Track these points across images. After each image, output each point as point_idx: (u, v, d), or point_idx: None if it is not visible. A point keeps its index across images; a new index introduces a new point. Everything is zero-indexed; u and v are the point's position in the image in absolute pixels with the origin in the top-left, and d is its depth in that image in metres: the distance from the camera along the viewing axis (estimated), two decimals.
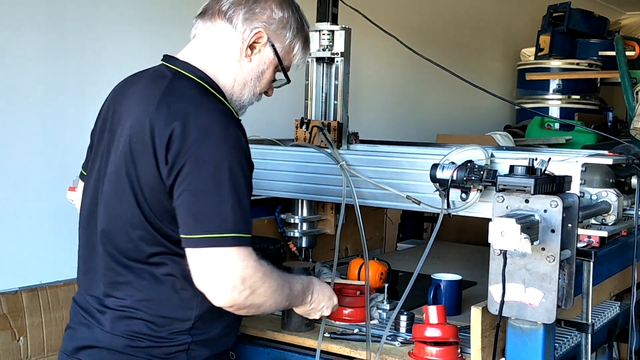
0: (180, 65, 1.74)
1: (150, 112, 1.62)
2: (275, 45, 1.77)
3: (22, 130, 2.70)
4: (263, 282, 1.63)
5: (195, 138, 1.57)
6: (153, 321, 1.65)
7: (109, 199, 1.69)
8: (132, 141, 1.64)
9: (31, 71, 2.73)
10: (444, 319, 1.82)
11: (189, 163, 1.57)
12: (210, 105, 1.65)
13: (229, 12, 1.74)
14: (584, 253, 1.80)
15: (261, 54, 1.77)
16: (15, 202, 2.69)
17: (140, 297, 1.65)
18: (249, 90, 1.78)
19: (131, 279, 1.66)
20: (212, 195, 1.57)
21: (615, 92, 5.80)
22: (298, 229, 2.60)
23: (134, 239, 1.64)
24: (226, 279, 1.58)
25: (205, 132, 1.58)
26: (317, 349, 1.89)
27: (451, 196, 1.98)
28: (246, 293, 1.60)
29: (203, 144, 1.57)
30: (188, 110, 1.61)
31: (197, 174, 1.57)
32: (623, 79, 4.99)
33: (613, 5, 7.37)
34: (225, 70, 1.75)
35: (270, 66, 1.79)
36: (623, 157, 2.05)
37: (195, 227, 1.57)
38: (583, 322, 1.85)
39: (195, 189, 1.57)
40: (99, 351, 1.68)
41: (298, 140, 2.56)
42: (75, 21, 2.86)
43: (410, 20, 4.87)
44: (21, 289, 2.58)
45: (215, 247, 1.56)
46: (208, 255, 1.57)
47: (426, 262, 1.88)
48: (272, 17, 1.76)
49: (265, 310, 1.71)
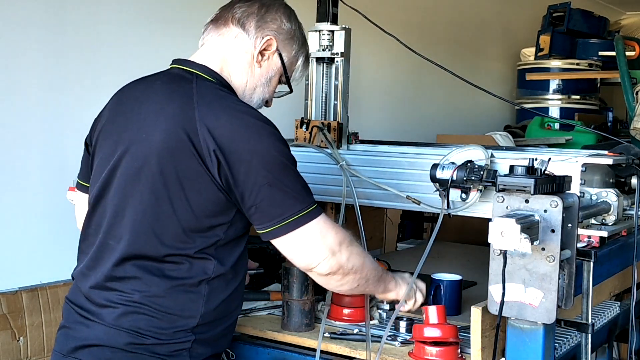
0: (199, 68, 1.78)
1: (187, 117, 1.64)
2: (283, 54, 1.85)
3: (22, 130, 2.70)
4: (353, 244, 1.75)
5: (245, 138, 1.63)
6: (160, 317, 1.66)
7: (132, 198, 1.68)
8: (168, 144, 1.64)
9: (31, 71, 2.72)
10: (444, 319, 1.82)
11: (248, 162, 1.63)
12: (241, 107, 1.71)
13: (242, 19, 1.82)
14: (584, 253, 1.80)
15: (270, 61, 1.85)
16: (15, 202, 2.69)
17: (149, 293, 1.66)
18: (258, 95, 1.85)
19: (142, 274, 1.67)
20: (282, 182, 1.65)
21: (615, 92, 5.80)
22: None
23: (160, 237, 1.66)
24: (325, 247, 1.68)
25: (252, 132, 1.64)
26: (317, 349, 1.89)
27: (451, 196, 1.98)
28: (346, 254, 1.71)
29: (253, 141, 1.63)
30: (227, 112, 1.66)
31: (261, 169, 1.63)
32: (623, 79, 4.99)
33: (613, 5, 7.37)
34: (238, 73, 1.83)
35: (276, 74, 1.87)
36: (623, 157, 2.05)
37: (280, 215, 1.64)
38: (583, 322, 1.85)
39: (266, 183, 1.63)
40: (100, 349, 1.67)
41: (298, 140, 2.56)
42: (76, 21, 2.86)
43: (410, 20, 4.87)
44: (21, 289, 2.58)
45: (304, 225, 1.65)
46: (302, 234, 1.66)
47: (426, 262, 1.88)
48: (282, 27, 1.85)
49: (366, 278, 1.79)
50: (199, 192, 1.64)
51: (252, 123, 1.66)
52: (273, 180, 1.63)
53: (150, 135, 1.66)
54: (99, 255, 1.73)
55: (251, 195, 1.63)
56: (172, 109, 1.67)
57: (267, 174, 1.63)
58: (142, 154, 1.67)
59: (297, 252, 1.69)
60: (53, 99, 2.78)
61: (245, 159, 1.62)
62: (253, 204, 1.64)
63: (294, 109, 2.80)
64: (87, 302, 1.71)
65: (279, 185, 1.64)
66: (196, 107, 1.65)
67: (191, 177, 1.63)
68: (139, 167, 1.67)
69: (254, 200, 1.63)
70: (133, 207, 1.68)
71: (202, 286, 1.68)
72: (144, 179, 1.66)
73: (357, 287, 1.78)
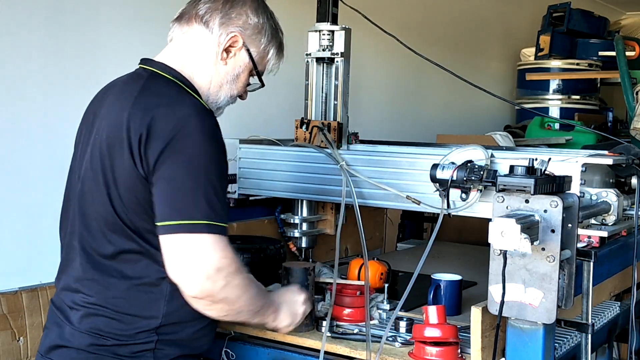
0: (157, 66, 1.77)
1: (126, 110, 1.65)
2: (251, 49, 1.81)
3: (22, 130, 2.70)
4: (236, 275, 1.62)
5: (172, 129, 1.59)
6: (119, 319, 1.65)
7: (84, 197, 1.71)
8: (109, 139, 1.66)
9: (31, 71, 2.72)
10: (444, 319, 1.82)
11: (165, 153, 1.59)
12: (185, 100, 1.67)
13: (205, 16, 1.78)
14: (584, 253, 1.80)
15: (236, 58, 1.81)
16: (15, 202, 2.69)
17: (107, 295, 1.66)
18: (224, 93, 1.82)
19: (99, 276, 1.67)
20: (188, 183, 1.58)
21: (615, 92, 5.80)
22: (298, 229, 2.60)
23: (107, 235, 1.66)
24: (200, 266, 1.57)
25: (181, 124, 1.60)
26: (322, 349, 1.89)
27: (451, 196, 1.98)
28: (220, 284, 1.59)
29: (180, 134, 1.59)
30: (163, 104, 1.64)
31: (173, 163, 1.59)
32: (623, 79, 4.99)
33: (613, 5, 7.37)
34: (201, 72, 1.79)
35: (245, 70, 1.83)
36: (623, 157, 2.05)
37: (170, 214, 1.58)
38: (583, 322, 1.85)
39: (171, 177, 1.59)
40: (67, 351, 1.69)
41: (298, 140, 2.56)
42: (76, 21, 2.86)
43: (410, 21, 4.87)
44: (21, 289, 2.58)
45: (189, 234, 1.57)
46: (182, 241, 1.57)
47: (426, 262, 1.88)
48: (248, 22, 1.80)
49: (237, 311, 1.68)
50: (131, 189, 1.62)
51: (184, 118, 1.61)
52: (181, 178, 1.58)
53: (100, 136, 1.69)
54: (67, 257, 1.77)
55: (157, 184, 1.59)
56: (115, 107, 1.69)
57: (177, 169, 1.58)
58: (96, 155, 1.69)
59: (172, 260, 1.59)
60: (53, 99, 2.78)
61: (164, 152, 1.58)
62: (155, 194, 1.59)
63: (294, 109, 2.80)
64: (62, 303, 1.74)
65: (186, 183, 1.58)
66: (133, 102, 1.65)
67: (124, 174, 1.63)
68: (94, 169, 1.69)
69: (156, 190, 1.59)
70: (87, 208, 1.70)
71: (163, 285, 1.65)
72: (95, 179, 1.68)
73: (225, 316, 1.68)
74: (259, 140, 2.62)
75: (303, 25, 2.65)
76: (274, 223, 2.65)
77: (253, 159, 2.53)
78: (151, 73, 1.75)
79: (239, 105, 1.96)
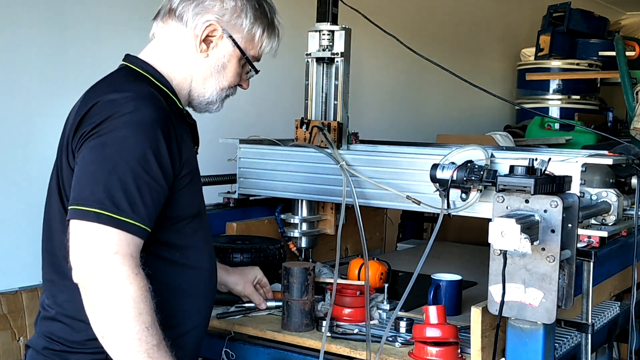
0: (131, 61, 1.71)
1: (75, 107, 1.62)
2: (234, 36, 1.70)
3: (22, 130, 2.70)
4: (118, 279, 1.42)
5: (101, 115, 1.50)
6: (69, 324, 1.58)
7: (48, 200, 1.67)
8: (61, 139, 1.63)
9: (31, 71, 2.73)
10: (444, 319, 1.82)
11: (86, 138, 1.51)
12: (129, 87, 1.57)
13: (178, 9, 1.69)
14: (584, 253, 1.80)
15: (218, 48, 1.70)
16: (15, 202, 2.69)
17: (60, 298, 1.60)
18: (211, 86, 1.72)
19: (57, 278, 1.61)
20: (91, 167, 1.48)
21: (615, 92, 5.80)
22: (298, 229, 2.60)
23: (62, 237, 1.53)
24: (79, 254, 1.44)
25: (112, 110, 1.50)
26: (321, 349, 1.89)
27: (451, 196, 1.98)
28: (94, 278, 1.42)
29: (105, 120, 1.49)
30: (104, 92, 1.55)
31: (87, 146, 1.50)
32: (623, 79, 4.99)
33: (613, 5, 7.38)
34: (179, 68, 1.70)
35: (232, 58, 1.72)
36: (623, 157, 2.05)
37: (72, 198, 1.48)
38: (583, 322, 1.85)
39: (81, 161, 1.50)
40: (32, 351, 1.67)
41: (298, 140, 2.56)
42: (76, 20, 2.86)
43: (410, 20, 4.87)
44: (21, 289, 2.58)
45: (78, 220, 1.45)
46: (72, 227, 1.46)
47: (426, 262, 1.88)
48: (224, 7, 1.69)
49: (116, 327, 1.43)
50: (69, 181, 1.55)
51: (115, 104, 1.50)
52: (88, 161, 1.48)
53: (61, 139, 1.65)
54: (43, 260, 1.70)
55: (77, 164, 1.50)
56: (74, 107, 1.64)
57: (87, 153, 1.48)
58: (57, 157, 1.65)
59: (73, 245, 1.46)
60: (53, 99, 2.78)
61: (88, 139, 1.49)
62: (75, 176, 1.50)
63: (294, 109, 2.80)
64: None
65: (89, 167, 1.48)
66: (82, 97, 1.61)
67: (67, 173, 1.57)
68: (54, 171, 1.66)
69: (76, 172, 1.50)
70: (49, 210, 1.66)
71: None
72: (53, 180, 1.65)
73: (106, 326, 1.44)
74: (259, 140, 2.62)
75: (303, 25, 2.65)
76: (274, 223, 2.65)
77: (253, 159, 2.53)
78: (122, 67, 1.70)
79: (239, 105, 1.96)
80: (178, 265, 1.65)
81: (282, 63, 3.81)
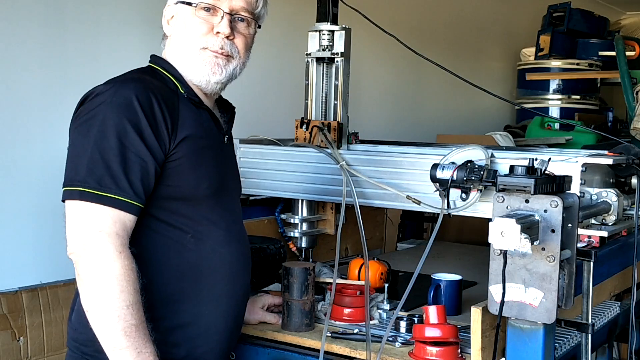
0: (150, 60, 1.81)
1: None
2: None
3: (22, 130, 2.70)
4: (102, 253, 1.48)
5: (87, 105, 1.59)
6: (84, 315, 1.55)
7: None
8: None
9: (31, 71, 2.72)
10: (444, 319, 1.82)
11: (73, 126, 1.60)
12: (121, 77, 1.65)
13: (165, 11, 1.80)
14: (584, 253, 1.80)
15: (176, 16, 1.75)
16: (15, 202, 2.68)
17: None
18: (186, 52, 1.73)
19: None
20: (75, 149, 1.56)
21: (615, 92, 5.80)
22: (298, 229, 2.60)
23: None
24: (71, 234, 1.51)
25: (95, 98, 1.58)
26: (321, 349, 1.89)
27: (451, 196, 1.98)
28: (82, 254, 1.49)
29: (88, 106, 1.57)
30: (100, 85, 1.62)
31: (72, 131, 1.59)
32: (623, 79, 4.99)
33: (613, 5, 7.37)
34: (169, 50, 1.77)
35: (185, 16, 1.73)
36: (623, 157, 2.05)
37: (63, 182, 1.55)
38: (583, 322, 1.86)
39: (69, 147, 1.58)
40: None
41: (298, 140, 2.56)
42: (75, 21, 2.86)
43: (410, 20, 4.87)
44: (21, 289, 2.58)
45: (67, 200, 1.53)
46: (66, 208, 1.53)
47: (426, 262, 1.88)
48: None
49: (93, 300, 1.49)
50: None
51: (102, 89, 1.58)
52: (72, 143, 1.57)
53: None
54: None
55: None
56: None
57: (72, 136, 1.58)
58: None
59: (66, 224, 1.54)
60: (53, 99, 2.78)
61: (73, 119, 1.60)
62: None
63: (294, 109, 2.80)
64: None
65: (74, 149, 1.56)
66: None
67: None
68: None
69: (66, 157, 1.57)
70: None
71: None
72: None
73: (91, 301, 1.49)
74: (259, 140, 2.62)
75: (303, 25, 2.65)
76: (274, 223, 2.65)
77: (253, 159, 2.53)
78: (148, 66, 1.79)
79: (239, 105, 1.96)
80: (187, 247, 1.66)
81: (282, 63, 3.82)
